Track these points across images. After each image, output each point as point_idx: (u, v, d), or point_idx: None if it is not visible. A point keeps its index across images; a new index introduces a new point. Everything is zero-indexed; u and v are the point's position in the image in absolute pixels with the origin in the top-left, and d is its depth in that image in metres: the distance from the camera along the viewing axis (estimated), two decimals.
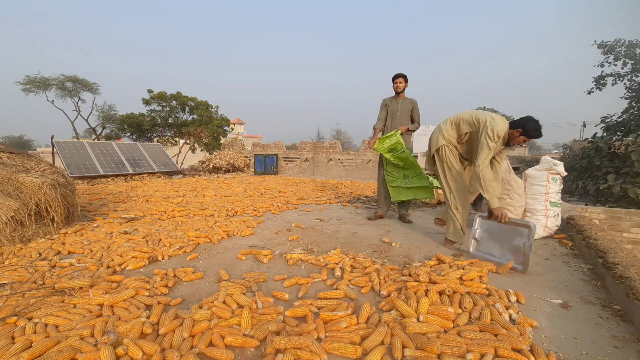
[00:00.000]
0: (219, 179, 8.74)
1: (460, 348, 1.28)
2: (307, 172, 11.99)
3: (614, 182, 6.54)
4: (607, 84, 12.67)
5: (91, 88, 17.47)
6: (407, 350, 1.27)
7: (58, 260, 2.23)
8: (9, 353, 1.21)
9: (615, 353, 1.34)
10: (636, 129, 8.81)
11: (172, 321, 1.43)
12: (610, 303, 1.78)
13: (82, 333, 1.34)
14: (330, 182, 8.61)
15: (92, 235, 2.83)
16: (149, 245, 2.59)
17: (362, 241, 2.87)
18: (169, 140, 16.36)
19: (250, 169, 12.44)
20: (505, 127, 2.40)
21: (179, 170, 10.01)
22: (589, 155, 8.07)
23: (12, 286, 1.81)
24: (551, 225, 3.04)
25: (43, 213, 2.85)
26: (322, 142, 12.37)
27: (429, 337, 1.35)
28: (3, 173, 2.79)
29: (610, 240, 2.44)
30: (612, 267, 1.94)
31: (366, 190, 6.68)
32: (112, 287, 1.82)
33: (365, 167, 10.69)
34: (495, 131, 2.34)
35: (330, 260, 2.27)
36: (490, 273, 2.12)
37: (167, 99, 15.13)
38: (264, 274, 2.04)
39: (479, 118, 2.50)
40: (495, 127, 2.34)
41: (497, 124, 2.36)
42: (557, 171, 3.05)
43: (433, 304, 1.61)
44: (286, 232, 3.12)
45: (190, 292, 1.83)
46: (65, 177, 3.36)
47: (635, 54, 11.73)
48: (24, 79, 15.58)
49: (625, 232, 4.03)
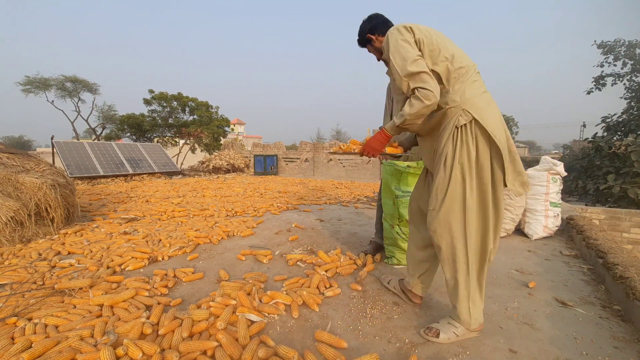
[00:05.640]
0: (219, 180, 8.74)
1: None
2: (307, 173, 11.99)
3: (614, 182, 6.54)
4: (606, 84, 12.68)
5: (91, 88, 17.50)
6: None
7: (58, 260, 2.23)
8: (9, 353, 1.21)
9: (616, 353, 1.33)
10: (636, 129, 8.81)
11: (171, 321, 1.43)
12: (610, 303, 1.77)
13: (82, 333, 1.34)
14: (330, 183, 8.62)
15: (92, 236, 2.83)
16: (148, 245, 2.59)
17: (362, 242, 2.87)
18: (169, 140, 16.38)
19: (250, 170, 12.44)
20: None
21: (179, 170, 10.01)
22: (589, 155, 8.07)
23: (12, 286, 1.81)
24: (551, 226, 3.05)
25: (43, 213, 2.85)
26: (322, 142, 12.38)
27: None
28: (3, 173, 2.79)
29: (610, 241, 2.44)
30: (612, 267, 1.94)
31: (366, 191, 6.68)
32: (112, 287, 1.82)
33: (365, 167, 10.69)
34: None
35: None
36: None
37: (168, 100, 15.14)
38: (264, 274, 2.04)
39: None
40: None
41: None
42: (557, 171, 3.05)
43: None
44: (286, 233, 3.12)
45: (190, 293, 1.82)
46: (65, 178, 3.37)
47: (635, 54, 11.74)
48: (24, 80, 15.61)
49: (625, 233, 4.03)
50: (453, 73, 1.31)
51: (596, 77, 12.76)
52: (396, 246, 2.28)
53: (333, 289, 1.82)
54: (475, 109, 1.26)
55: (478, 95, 1.29)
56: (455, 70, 1.30)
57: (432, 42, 1.31)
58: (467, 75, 1.30)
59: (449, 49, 1.31)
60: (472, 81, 1.30)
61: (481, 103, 1.28)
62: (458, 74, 1.30)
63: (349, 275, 2.10)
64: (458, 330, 1.38)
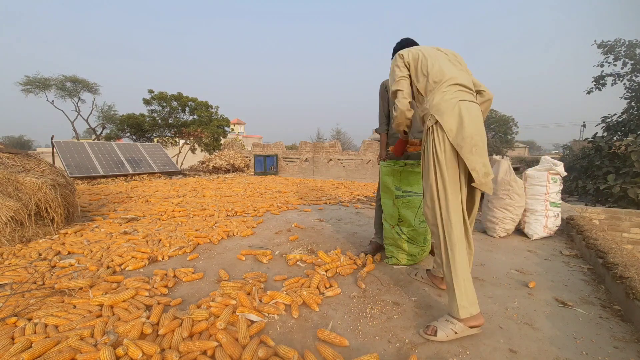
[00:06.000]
0: (219, 179, 8.74)
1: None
2: (307, 173, 11.99)
3: (614, 182, 6.55)
4: (606, 84, 12.68)
5: (91, 88, 17.48)
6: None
7: (58, 260, 2.23)
8: (9, 353, 1.21)
9: (615, 353, 1.34)
10: (636, 129, 8.81)
11: (171, 321, 1.43)
12: (610, 303, 1.77)
13: (82, 333, 1.34)
14: (330, 183, 8.62)
15: (92, 236, 2.83)
16: (148, 245, 2.59)
17: (362, 242, 2.87)
18: (169, 140, 16.37)
19: (250, 169, 12.45)
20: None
21: (179, 170, 10.01)
22: (589, 155, 8.08)
23: (12, 286, 1.81)
24: (551, 226, 3.05)
25: (43, 213, 2.85)
26: (322, 142, 12.38)
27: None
28: (3, 173, 2.79)
29: (610, 241, 2.44)
30: (612, 267, 1.94)
31: (366, 191, 6.68)
32: (112, 287, 1.82)
33: (365, 167, 10.69)
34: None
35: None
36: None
37: (167, 100, 15.13)
38: (263, 274, 2.04)
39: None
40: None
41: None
42: (557, 171, 3.05)
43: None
44: (286, 233, 3.12)
45: (190, 293, 1.82)
46: (65, 178, 3.37)
47: (635, 54, 11.74)
48: (24, 80, 15.60)
49: (625, 232, 4.03)
50: (429, 87, 1.58)
51: (596, 77, 12.76)
52: (396, 246, 2.28)
53: (333, 289, 1.82)
54: (439, 113, 1.49)
55: (445, 101, 1.51)
56: (430, 84, 1.58)
57: (417, 64, 1.63)
58: (439, 88, 1.55)
59: (429, 68, 1.59)
60: (442, 92, 1.53)
61: (444, 108, 1.49)
62: (432, 87, 1.57)
63: (349, 275, 2.10)
64: (456, 327, 1.40)
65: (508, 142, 35.29)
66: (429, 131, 1.53)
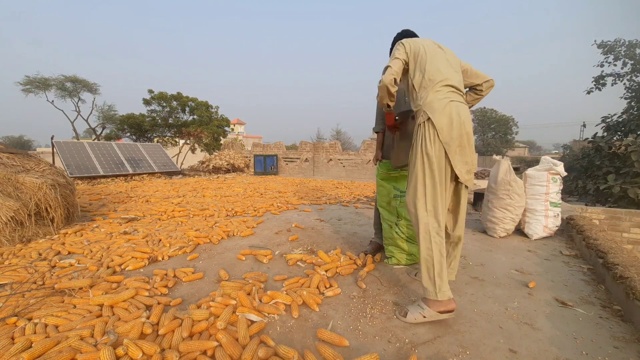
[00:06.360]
0: (219, 179, 8.74)
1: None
2: (307, 173, 11.99)
3: (614, 182, 6.55)
4: (606, 84, 12.69)
5: (91, 88, 17.47)
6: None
7: (58, 260, 2.23)
8: (9, 353, 1.21)
9: (616, 353, 1.33)
10: (636, 129, 8.82)
11: (171, 321, 1.43)
12: (610, 303, 1.77)
13: (82, 333, 1.34)
14: (330, 183, 8.61)
15: (92, 236, 2.83)
16: (148, 245, 2.59)
17: (362, 242, 2.87)
18: (169, 140, 16.37)
19: (250, 169, 12.45)
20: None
21: (179, 170, 10.01)
22: (589, 155, 8.08)
23: (12, 286, 1.81)
24: (551, 226, 3.05)
25: (43, 213, 2.85)
26: (322, 142, 12.38)
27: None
28: (3, 173, 2.79)
29: (610, 241, 2.44)
30: (612, 267, 1.94)
31: (366, 191, 6.68)
32: (112, 287, 1.82)
33: (365, 167, 10.69)
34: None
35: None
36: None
37: (167, 99, 15.13)
38: (264, 274, 2.04)
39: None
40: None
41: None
42: (557, 171, 3.05)
43: None
44: (286, 233, 3.12)
45: (191, 293, 1.82)
46: (65, 178, 3.37)
47: (635, 54, 11.75)
48: (24, 79, 15.59)
49: (625, 232, 4.03)
50: (423, 83, 1.62)
51: (596, 77, 12.77)
52: (396, 246, 2.28)
53: (333, 289, 1.82)
54: (431, 110, 1.55)
55: (437, 100, 1.56)
56: (425, 81, 1.61)
57: (416, 58, 1.66)
58: (432, 86, 1.59)
59: (427, 65, 1.62)
60: (436, 91, 1.58)
61: (437, 106, 1.55)
62: (426, 85, 1.61)
63: (349, 275, 2.10)
64: (425, 312, 1.51)
65: (508, 142, 35.28)
66: (420, 127, 1.60)
